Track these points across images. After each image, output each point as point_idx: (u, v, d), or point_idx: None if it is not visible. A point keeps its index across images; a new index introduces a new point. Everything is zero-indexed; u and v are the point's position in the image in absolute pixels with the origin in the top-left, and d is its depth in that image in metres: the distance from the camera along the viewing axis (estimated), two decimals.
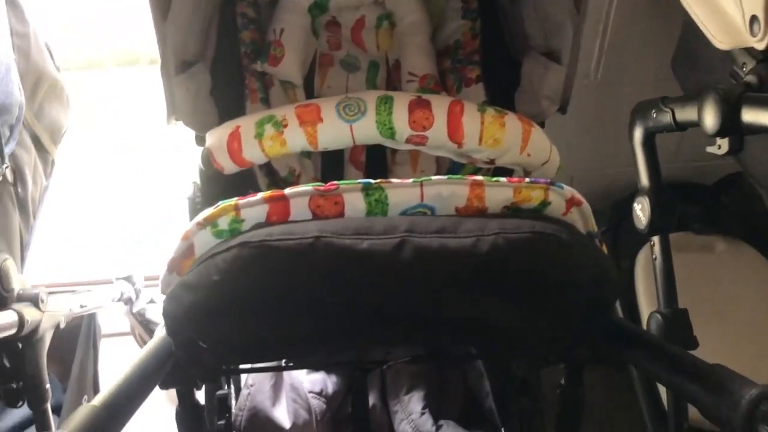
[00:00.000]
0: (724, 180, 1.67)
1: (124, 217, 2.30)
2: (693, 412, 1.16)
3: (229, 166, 0.85)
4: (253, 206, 0.60)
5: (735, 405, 0.54)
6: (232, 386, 1.18)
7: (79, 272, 1.93)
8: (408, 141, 0.82)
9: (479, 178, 0.60)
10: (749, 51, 1.02)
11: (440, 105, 0.81)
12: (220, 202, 0.61)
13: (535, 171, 0.89)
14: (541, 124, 0.97)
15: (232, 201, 0.60)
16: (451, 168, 1.04)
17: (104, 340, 1.45)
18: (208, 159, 0.85)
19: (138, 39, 3.04)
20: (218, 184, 0.90)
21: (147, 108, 2.60)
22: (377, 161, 1.07)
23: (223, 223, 0.61)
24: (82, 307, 1.21)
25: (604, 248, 0.67)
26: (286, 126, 0.81)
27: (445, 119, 0.80)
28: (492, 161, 0.86)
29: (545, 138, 0.87)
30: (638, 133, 1.23)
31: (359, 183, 0.60)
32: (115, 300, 1.52)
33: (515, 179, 0.61)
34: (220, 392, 1.10)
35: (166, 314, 0.63)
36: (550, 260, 0.57)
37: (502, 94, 1.03)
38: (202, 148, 0.87)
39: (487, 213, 0.61)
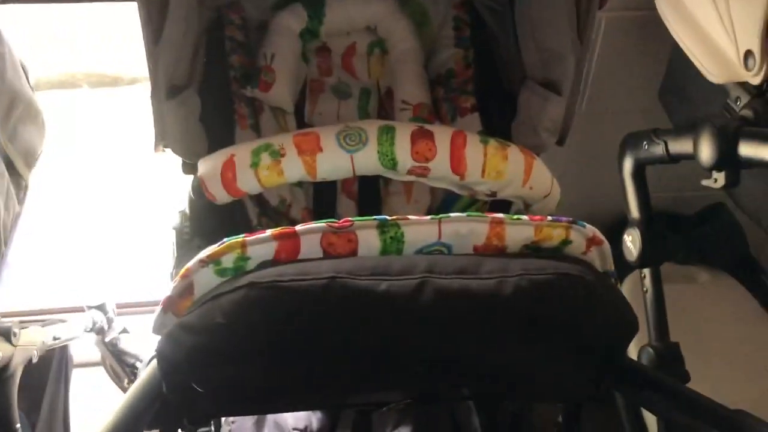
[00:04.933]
0: (706, 210, 1.68)
1: (96, 242, 2.23)
2: None
3: (221, 196, 0.81)
4: (262, 243, 0.57)
5: None
6: (213, 424, 1.13)
7: (49, 299, 1.86)
8: (410, 172, 0.80)
9: (500, 215, 0.58)
10: (743, 85, 1.02)
11: (443, 136, 0.79)
12: (225, 239, 0.57)
13: (536, 204, 0.87)
14: None
15: (240, 238, 0.57)
16: (445, 199, 1.02)
17: (74, 370, 1.39)
18: (199, 188, 0.81)
19: (118, 59, 2.98)
20: (209, 215, 0.87)
21: (128, 131, 2.54)
22: (370, 191, 1.05)
23: (228, 261, 0.57)
24: (55, 339, 1.16)
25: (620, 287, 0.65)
26: (284, 155, 0.78)
27: (448, 151, 0.78)
28: (493, 194, 0.84)
29: (546, 170, 0.86)
30: (628, 165, 1.23)
31: (375, 220, 0.58)
32: (88, 330, 1.46)
33: (536, 217, 0.59)
34: (202, 430, 1.05)
35: (161, 356, 0.59)
36: (575, 302, 0.55)
37: (498, 125, 1.01)
38: (192, 177, 0.83)
39: (506, 252, 0.59)
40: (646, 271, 1.20)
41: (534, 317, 0.54)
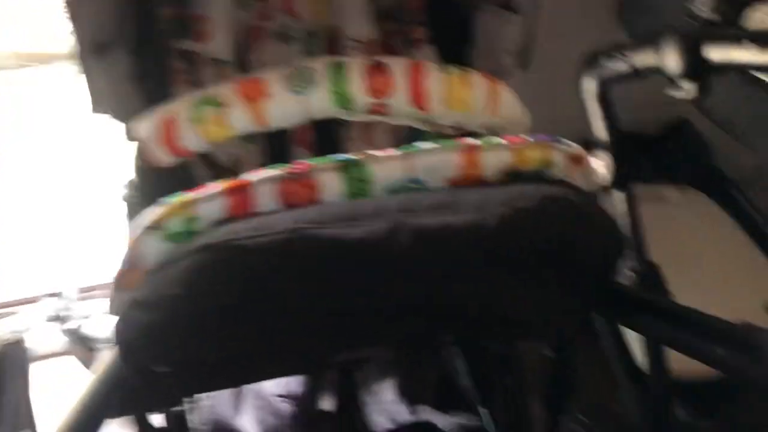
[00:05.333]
0: (669, 128, 1.65)
1: (51, 228, 2.13)
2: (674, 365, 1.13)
3: (166, 158, 0.74)
4: (211, 200, 0.51)
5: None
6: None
7: (4, 293, 1.77)
8: (368, 112, 0.73)
9: (474, 141, 0.52)
10: None
11: (399, 68, 0.73)
12: (166, 199, 0.51)
13: (505, 134, 0.82)
14: None
15: (185, 196, 0.51)
16: (407, 139, 0.96)
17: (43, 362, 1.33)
18: (142, 152, 0.74)
19: (50, 35, 2.81)
20: (156, 180, 0.80)
21: (69, 108, 2.40)
22: (327, 139, 0.98)
23: (176, 225, 0.51)
24: (12, 333, 1.09)
25: None
26: (227, 105, 0.71)
27: (406, 84, 0.72)
28: (460, 127, 0.79)
29: (513, 97, 0.80)
30: (591, 85, 1.18)
31: (337, 161, 0.52)
32: (49, 319, 1.39)
33: (514, 139, 0.54)
34: (175, 408, 1.00)
35: (118, 338, 0.53)
36: (562, 227, 0.50)
37: (455, 55, 0.95)
38: (136, 142, 0.76)
39: (484, 181, 0.53)
40: (621, 194, 1.17)
41: (522, 247, 0.50)
